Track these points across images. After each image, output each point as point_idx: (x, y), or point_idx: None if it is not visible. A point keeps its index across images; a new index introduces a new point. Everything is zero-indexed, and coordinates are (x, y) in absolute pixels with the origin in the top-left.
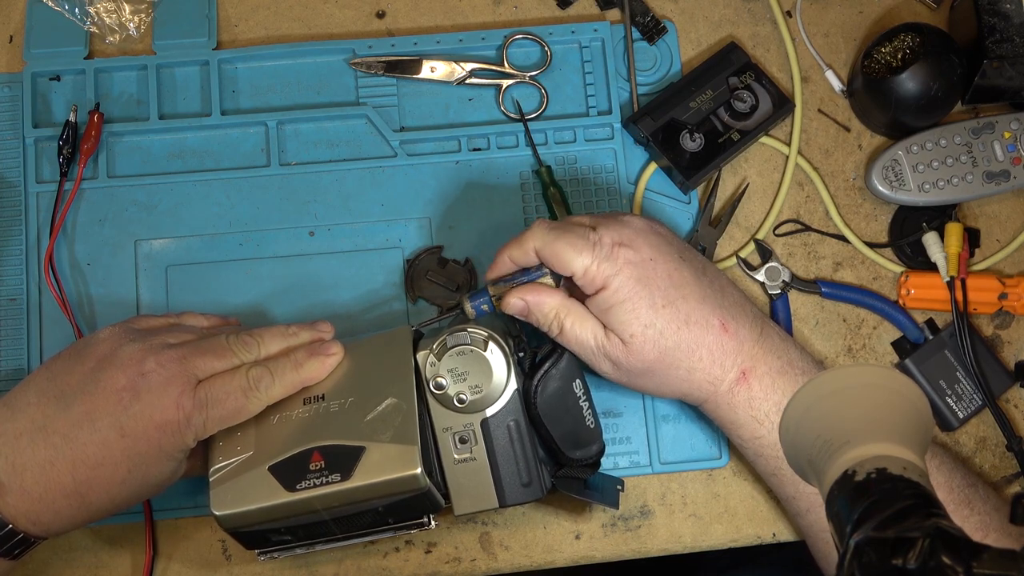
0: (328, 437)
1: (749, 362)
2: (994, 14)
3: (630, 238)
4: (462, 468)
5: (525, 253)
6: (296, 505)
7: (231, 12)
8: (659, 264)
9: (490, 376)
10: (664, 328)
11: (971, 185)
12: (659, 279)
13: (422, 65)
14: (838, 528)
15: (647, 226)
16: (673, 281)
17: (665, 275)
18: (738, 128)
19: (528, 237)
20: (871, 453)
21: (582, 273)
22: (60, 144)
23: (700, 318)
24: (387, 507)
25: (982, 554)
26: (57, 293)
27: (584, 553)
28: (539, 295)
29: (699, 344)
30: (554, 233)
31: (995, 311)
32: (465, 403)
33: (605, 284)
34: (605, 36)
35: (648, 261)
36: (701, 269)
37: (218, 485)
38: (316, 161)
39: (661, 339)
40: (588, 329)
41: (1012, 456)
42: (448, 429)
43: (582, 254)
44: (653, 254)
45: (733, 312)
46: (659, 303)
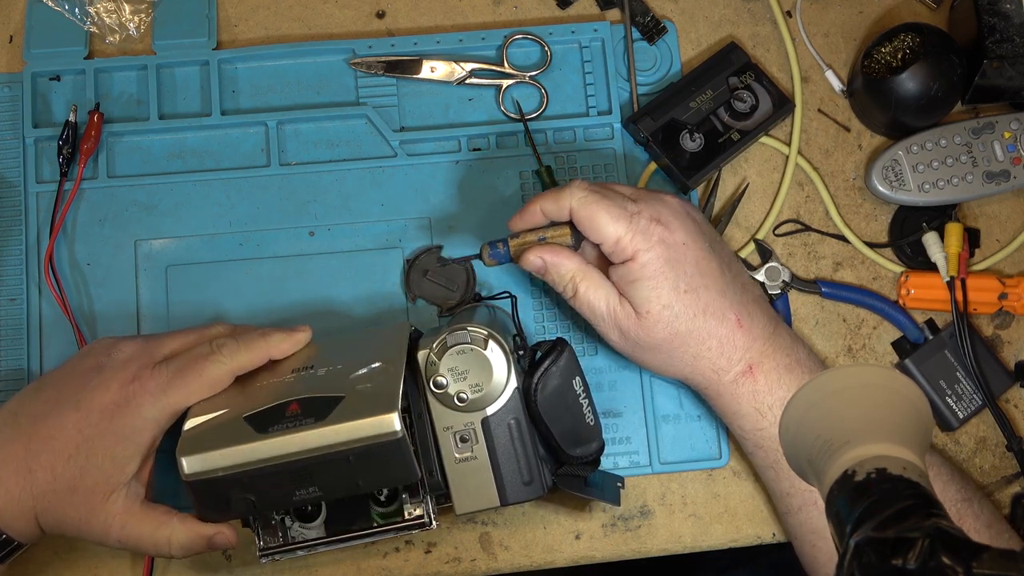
0: (309, 392)
1: (758, 358)
2: (994, 14)
3: (667, 218)
4: (463, 467)
5: (560, 209)
6: (265, 449)
7: (231, 12)
8: (690, 249)
9: (490, 375)
10: (681, 312)
11: (971, 185)
12: (687, 264)
13: (422, 65)
14: (838, 528)
15: (684, 210)
16: (700, 268)
17: (693, 261)
18: (738, 128)
19: (566, 194)
20: (871, 453)
21: (614, 241)
22: (60, 144)
23: (718, 310)
24: (359, 458)
25: (982, 554)
26: (57, 293)
27: (584, 553)
28: (558, 256)
29: (711, 334)
30: (594, 196)
31: (995, 311)
32: (466, 402)
33: (634, 257)
34: (605, 36)
35: (680, 244)
36: (727, 262)
37: (188, 434)
38: (316, 161)
39: (676, 321)
40: (602, 296)
41: (1012, 456)
42: (449, 428)
43: (618, 223)
44: (686, 238)
45: (750, 309)
46: (682, 287)
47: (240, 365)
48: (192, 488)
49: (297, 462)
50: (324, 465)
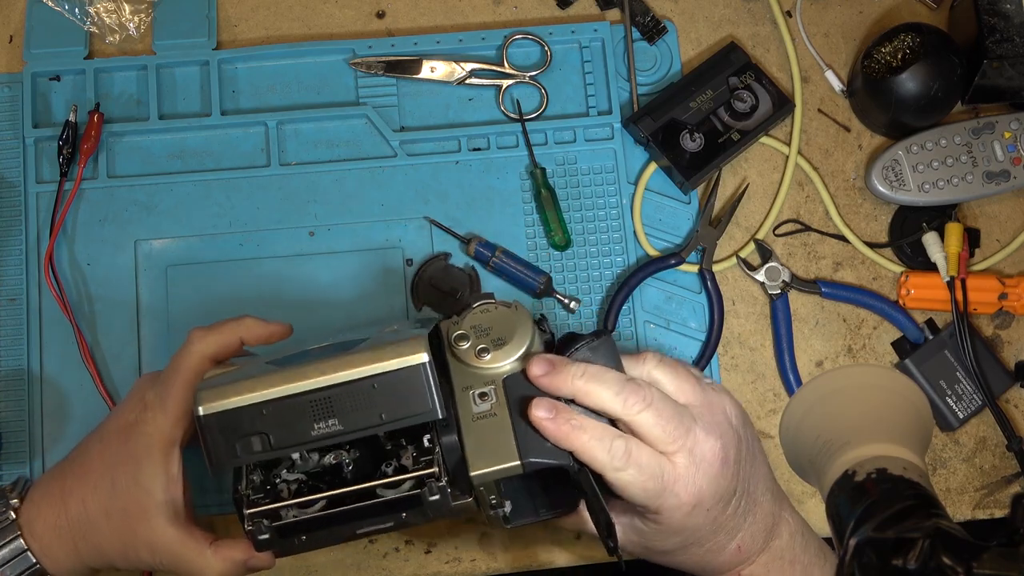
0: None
1: (749, 568)
2: (994, 14)
3: (705, 484)
4: (481, 425)
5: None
6: (284, 379)
7: (231, 12)
8: (712, 512)
9: (513, 330)
10: (677, 553)
11: (971, 185)
12: (704, 525)
13: (422, 65)
14: (838, 528)
15: (730, 456)
16: (715, 524)
17: (711, 521)
18: (738, 128)
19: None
20: (871, 453)
21: (643, 506)
22: (60, 144)
23: (720, 547)
24: (383, 386)
25: (982, 554)
26: (57, 293)
27: (584, 553)
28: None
29: (706, 563)
30: (635, 455)
31: (995, 311)
32: (487, 355)
33: (658, 512)
34: (605, 36)
35: (705, 512)
36: (747, 484)
37: (209, 379)
38: (316, 161)
39: (667, 556)
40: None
41: (1012, 456)
42: (468, 388)
43: (650, 496)
44: (712, 503)
45: (754, 529)
46: (688, 542)
47: (209, 346)
48: (203, 429)
49: (317, 391)
50: (345, 395)
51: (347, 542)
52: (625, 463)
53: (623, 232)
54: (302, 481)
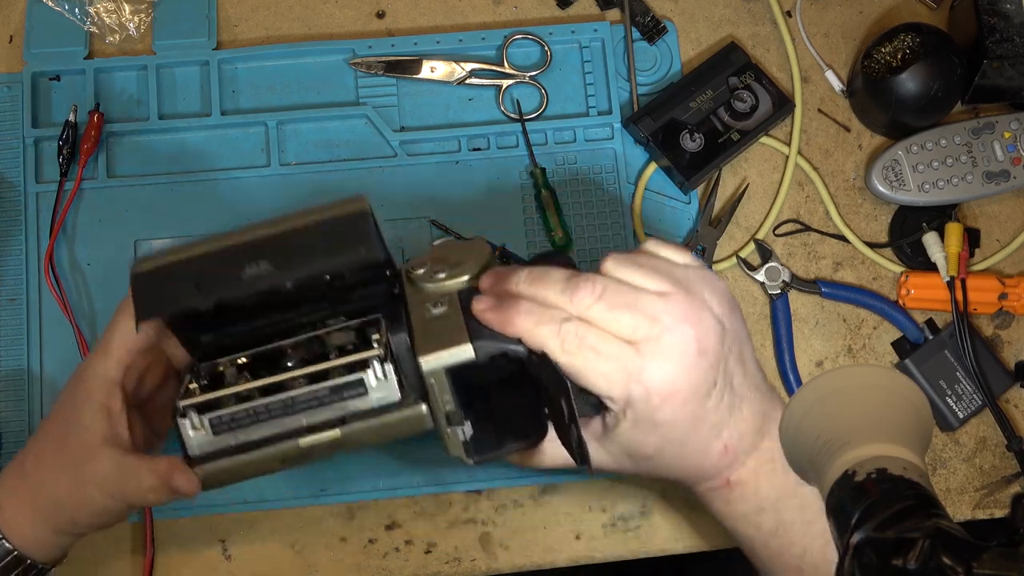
0: None
1: (738, 472)
2: (994, 14)
3: (676, 374)
4: (433, 323)
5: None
6: (220, 238)
7: (231, 12)
8: (689, 405)
9: (471, 253)
10: (661, 457)
11: (971, 185)
12: (682, 420)
13: (422, 65)
14: (838, 528)
15: (706, 346)
16: (694, 419)
17: (690, 415)
18: (738, 128)
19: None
20: (871, 453)
21: (606, 398)
22: (60, 144)
23: (704, 447)
24: (319, 227)
25: (982, 554)
26: (57, 293)
27: (584, 553)
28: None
29: (692, 466)
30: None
31: (995, 311)
32: (442, 275)
33: (623, 411)
34: (605, 36)
35: (680, 404)
36: (731, 377)
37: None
38: (316, 161)
39: (650, 461)
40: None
41: (1012, 456)
42: (424, 302)
43: (613, 384)
44: (688, 395)
45: (741, 428)
46: (668, 441)
47: None
48: (134, 287)
49: (251, 241)
50: (280, 241)
51: (293, 463)
52: (578, 347)
53: (623, 232)
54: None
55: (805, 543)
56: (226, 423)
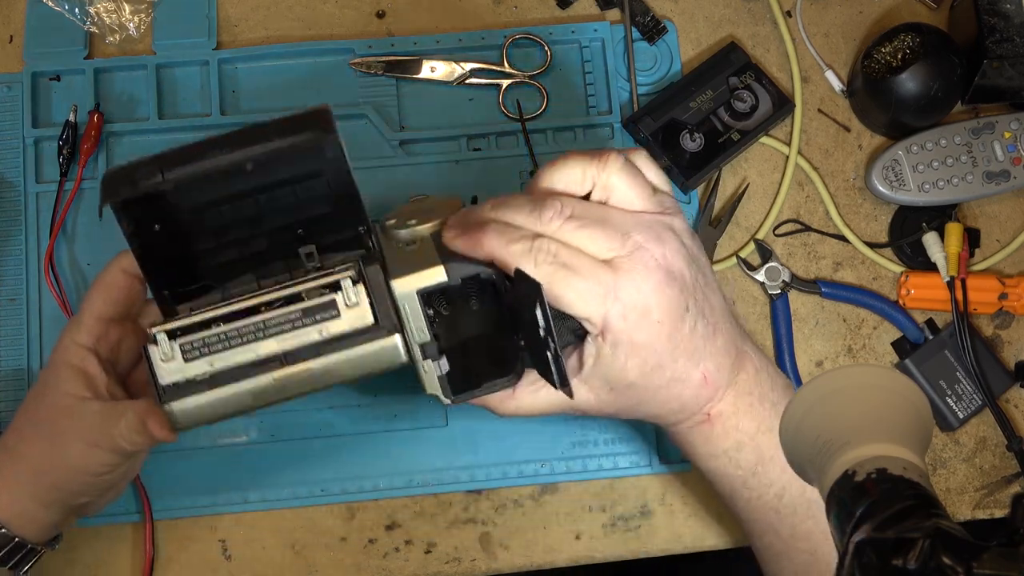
0: None
1: (718, 406)
2: (994, 14)
3: (650, 291)
4: (406, 252)
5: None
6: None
7: (231, 12)
8: (664, 326)
9: (444, 206)
10: (642, 385)
11: (971, 185)
12: (659, 341)
13: (422, 65)
14: (838, 528)
15: (675, 268)
16: (671, 342)
17: (666, 337)
18: (738, 128)
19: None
20: (871, 453)
21: (583, 318)
22: (60, 144)
23: (684, 375)
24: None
25: (982, 554)
26: (57, 293)
27: (584, 553)
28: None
29: (673, 398)
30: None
31: (995, 311)
32: (415, 223)
33: (602, 335)
34: (605, 36)
35: (656, 323)
36: (702, 306)
37: None
38: None
39: (632, 390)
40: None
41: (1012, 456)
42: (398, 244)
43: (589, 302)
44: (663, 315)
45: (718, 359)
46: (648, 365)
47: (132, 264)
48: (102, 185)
49: (216, 139)
50: (243, 134)
51: (264, 398)
52: (551, 263)
53: None
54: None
55: (783, 482)
56: (197, 348)
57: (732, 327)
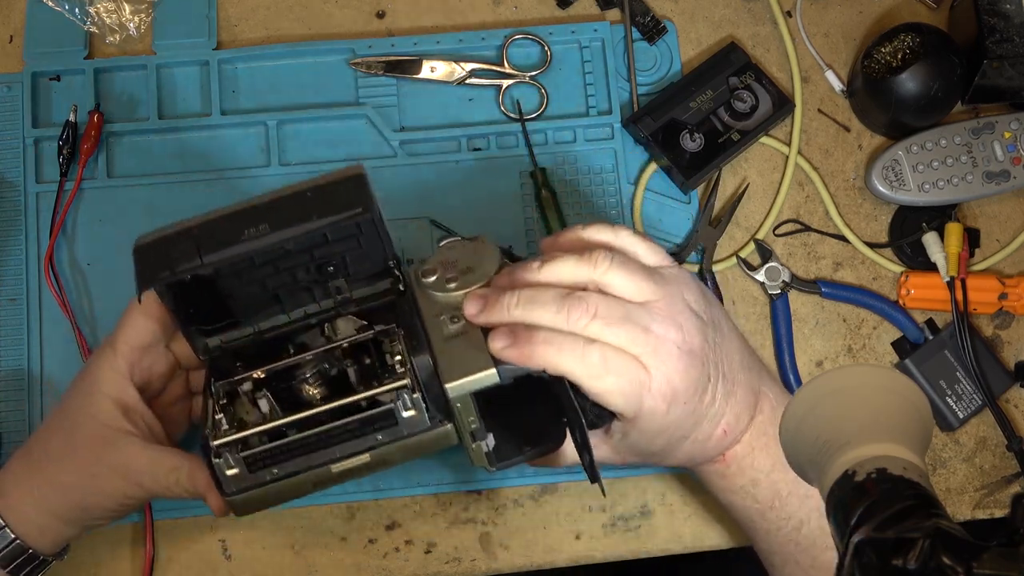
0: None
1: (733, 447)
2: (994, 14)
3: (675, 379)
4: (454, 344)
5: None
6: (220, 209)
7: (231, 12)
8: (689, 404)
9: (481, 257)
10: (667, 451)
11: (971, 185)
12: (683, 417)
13: (422, 65)
14: (838, 528)
15: (696, 346)
16: (695, 415)
17: (691, 412)
18: (738, 128)
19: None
20: (871, 453)
21: (623, 412)
22: (60, 144)
23: (705, 435)
24: (317, 191)
25: (982, 554)
26: (57, 293)
27: (584, 553)
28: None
29: (695, 452)
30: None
31: (995, 311)
32: (455, 283)
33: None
34: (605, 36)
35: (682, 405)
36: (722, 367)
37: None
38: (316, 161)
39: (656, 456)
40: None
41: (1012, 456)
42: (439, 314)
43: (628, 399)
44: (688, 396)
45: (737, 410)
46: (674, 438)
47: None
48: (136, 258)
49: (250, 207)
50: (278, 204)
51: (324, 486)
52: (603, 371)
53: None
54: (268, 413)
55: (802, 515)
56: (261, 460)
57: (750, 372)
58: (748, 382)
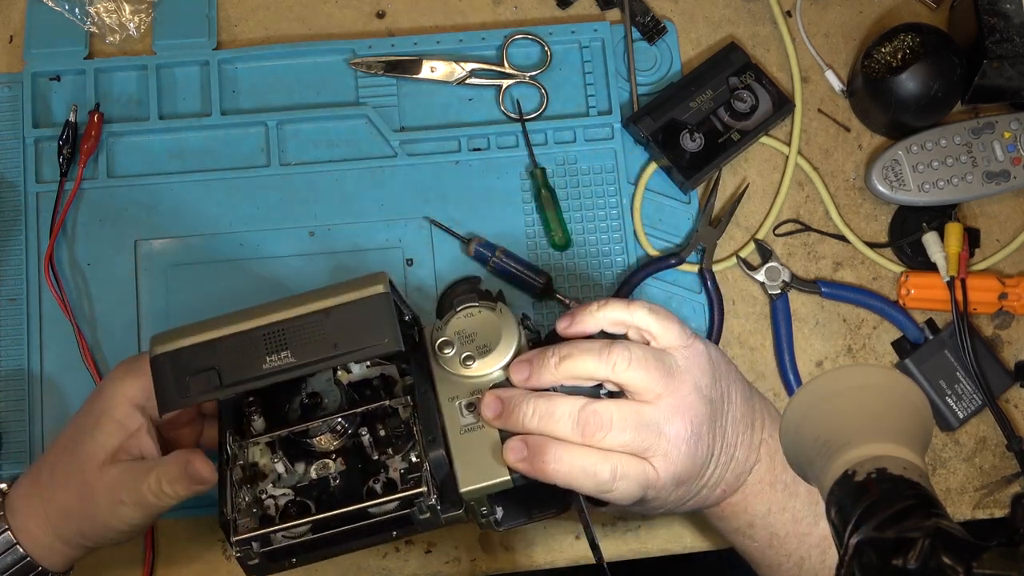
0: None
1: (731, 494)
2: (994, 14)
3: (680, 468)
4: (469, 437)
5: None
6: (239, 319)
7: (231, 12)
8: (692, 484)
9: (499, 335)
10: (668, 512)
11: (971, 185)
12: (685, 494)
13: (422, 65)
14: (838, 528)
15: (701, 429)
16: (696, 486)
17: (692, 486)
18: (738, 128)
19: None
20: (871, 453)
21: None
22: (60, 144)
23: (704, 497)
24: (337, 314)
25: (982, 554)
26: (57, 293)
27: (584, 553)
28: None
29: (695, 508)
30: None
31: (995, 311)
32: (472, 363)
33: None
34: (605, 36)
35: (683, 484)
36: (725, 435)
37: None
38: (316, 161)
39: (659, 516)
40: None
41: (1012, 456)
42: (455, 399)
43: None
44: (690, 477)
45: (737, 470)
46: (675, 507)
47: None
48: (155, 370)
49: (269, 326)
50: (298, 327)
51: (337, 559)
52: (612, 484)
53: (623, 232)
54: (289, 500)
55: (802, 552)
56: (283, 552)
57: (750, 429)
58: (750, 440)
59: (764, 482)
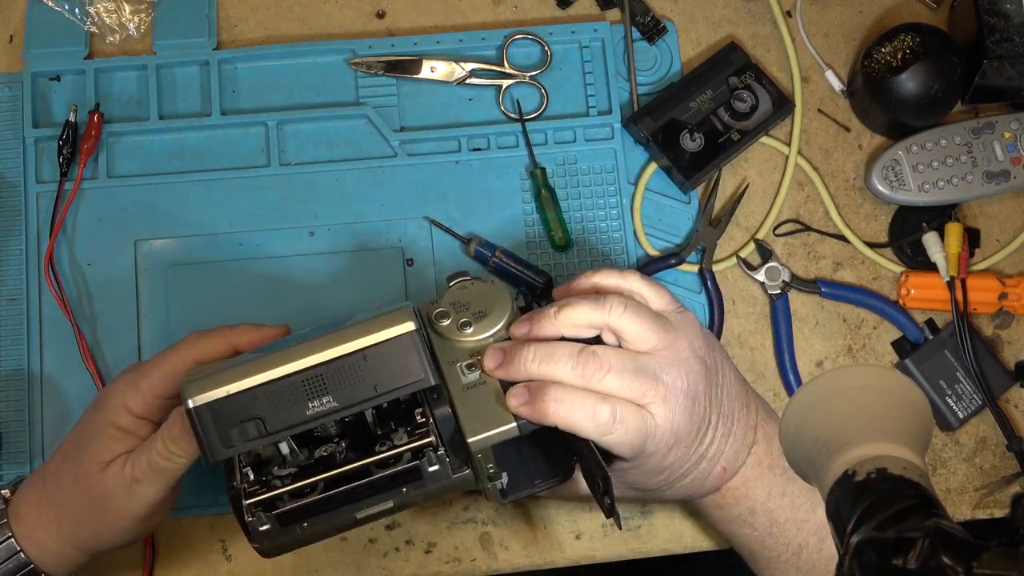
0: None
1: (731, 479)
2: (994, 14)
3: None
4: (472, 393)
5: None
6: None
7: (231, 12)
8: (691, 447)
9: (493, 300)
10: (665, 487)
11: (971, 185)
12: (684, 458)
13: (422, 65)
14: (838, 528)
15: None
16: (696, 454)
17: (692, 452)
18: (738, 128)
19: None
20: (871, 453)
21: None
22: (60, 144)
23: (704, 472)
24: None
25: (982, 554)
26: (57, 293)
27: (584, 553)
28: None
29: (694, 488)
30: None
31: (995, 311)
32: (470, 329)
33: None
34: (605, 36)
35: (683, 448)
36: (721, 407)
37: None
38: (316, 161)
39: (656, 492)
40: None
41: (1012, 456)
42: (455, 361)
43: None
44: (690, 438)
45: (736, 447)
46: (672, 476)
47: (202, 349)
48: (195, 421)
49: (307, 370)
50: (336, 371)
51: (348, 529)
52: (612, 426)
53: (623, 232)
54: (295, 474)
55: (800, 540)
56: (292, 515)
57: (746, 407)
58: (746, 419)
59: (763, 465)
